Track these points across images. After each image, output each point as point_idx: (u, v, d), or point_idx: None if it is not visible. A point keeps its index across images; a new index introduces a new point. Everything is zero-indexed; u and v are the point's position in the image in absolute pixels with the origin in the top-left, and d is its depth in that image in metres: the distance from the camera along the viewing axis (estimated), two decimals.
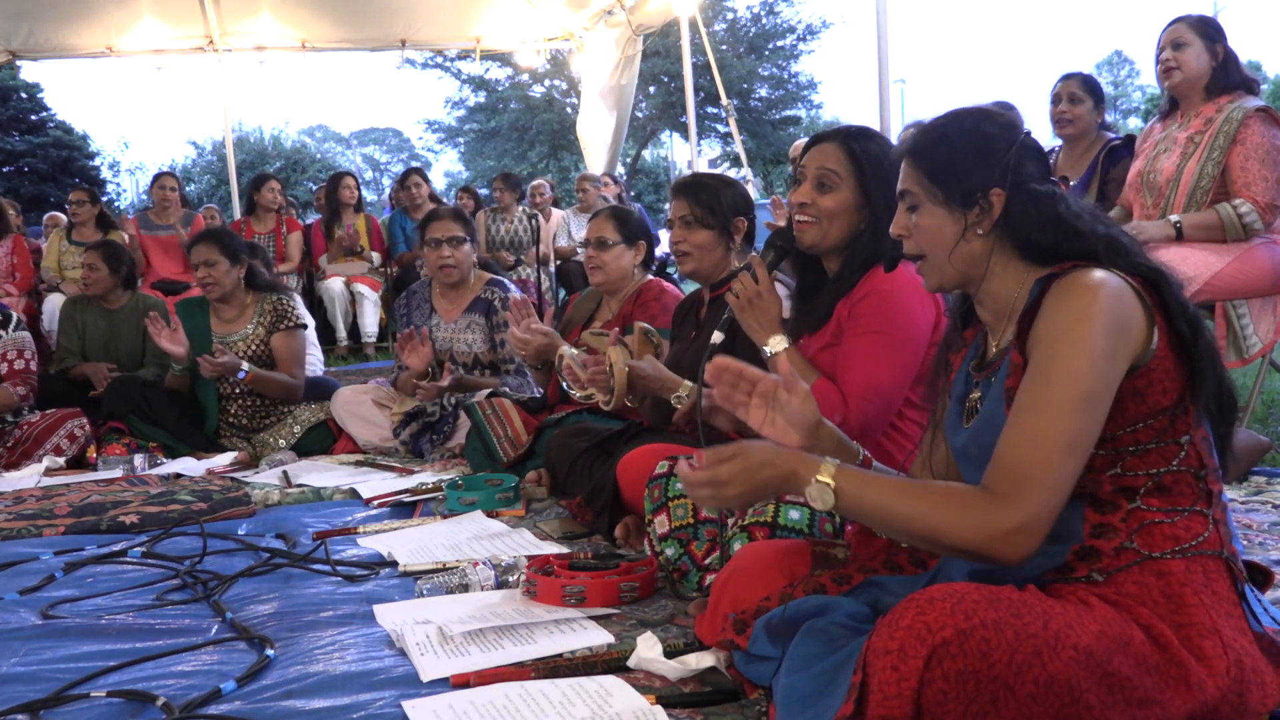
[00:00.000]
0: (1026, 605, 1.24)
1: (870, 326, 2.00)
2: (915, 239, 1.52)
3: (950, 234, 1.47)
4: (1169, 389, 1.35)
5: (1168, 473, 1.36)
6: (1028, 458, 1.28)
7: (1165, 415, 1.35)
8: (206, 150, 35.80)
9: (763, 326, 2.08)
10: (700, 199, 2.72)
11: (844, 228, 2.05)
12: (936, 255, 1.50)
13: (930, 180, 1.48)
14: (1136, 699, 1.24)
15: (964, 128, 1.49)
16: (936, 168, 1.48)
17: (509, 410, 3.55)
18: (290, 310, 4.24)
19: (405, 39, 9.43)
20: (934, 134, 1.51)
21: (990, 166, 1.44)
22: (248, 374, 4.02)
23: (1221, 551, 1.36)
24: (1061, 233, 1.42)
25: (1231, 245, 3.18)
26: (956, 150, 1.47)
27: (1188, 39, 3.31)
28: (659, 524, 2.23)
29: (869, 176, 2.02)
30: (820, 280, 2.15)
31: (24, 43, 8.69)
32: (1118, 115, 34.82)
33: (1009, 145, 1.45)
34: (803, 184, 2.08)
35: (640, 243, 3.45)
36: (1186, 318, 1.36)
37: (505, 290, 4.06)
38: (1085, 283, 1.33)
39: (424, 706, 1.70)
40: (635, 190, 26.78)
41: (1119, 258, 1.39)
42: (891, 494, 1.34)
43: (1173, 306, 1.36)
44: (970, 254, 1.47)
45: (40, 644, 2.06)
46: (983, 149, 1.46)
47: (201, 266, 4.14)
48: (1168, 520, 1.35)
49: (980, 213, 1.46)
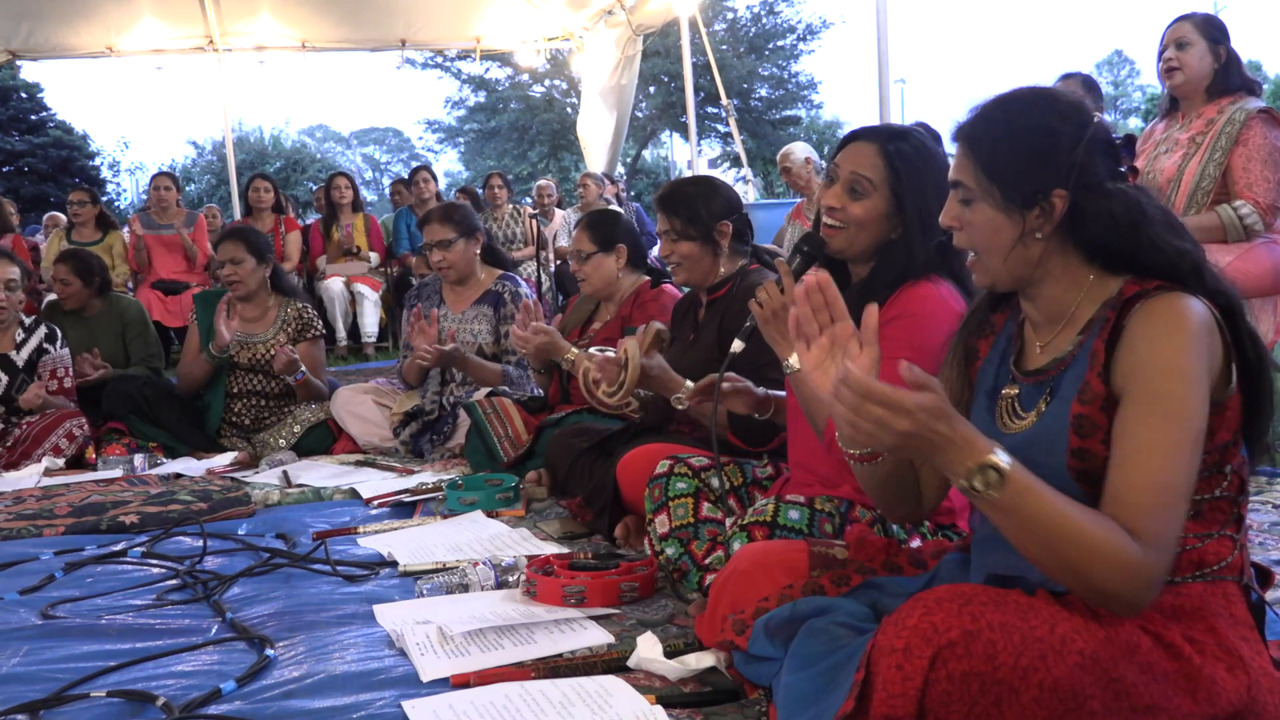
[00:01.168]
0: (1033, 609, 1.23)
1: (901, 351, 1.90)
2: (967, 234, 1.41)
3: (1006, 236, 1.37)
4: (1231, 424, 1.31)
5: (1208, 500, 1.33)
6: (1160, 507, 1.22)
7: (1219, 450, 1.31)
8: (206, 150, 35.79)
9: (786, 339, 1.94)
10: (679, 212, 2.70)
11: (873, 236, 1.95)
12: (990, 256, 1.39)
13: (987, 177, 1.36)
14: (1142, 706, 1.23)
15: (1026, 120, 1.36)
16: (994, 165, 1.36)
17: (509, 410, 3.55)
18: (314, 320, 4.28)
19: (405, 39, 9.43)
20: (993, 124, 1.38)
21: (1054, 165, 1.33)
22: (303, 376, 4.06)
23: (1241, 577, 1.34)
24: (1139, 241, 1.32)
25: (1232, 245, 3.18)
26: (1017, 147, 1.35)
27: (1191, 39, 3.30)
28: (659, 524, 2.23)
29: (904, 184, 1.92)
30: (844, 285, 2.08)
31: (24, 43, 8.69)
32: (1118, 115, 34.80)
33: (1075, 140, 1.33)
34: (834, 185, 1.98)
35: (619, 246, 3.43)
36: (1257, 351, 1.31)
37: (516, 285, 4.05)
38: (1181, 310, 1.26)
39: (424, 706, 1.70)
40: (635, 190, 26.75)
41: (1201, 281, 1.31)
42: (1059, 505, 1.20)
43: (1244, 337, 1.30)
44: (1028, 257, 1.37)
45: (40, 644, 2.06)
46: (1046, 146, 1.34)
47: (228, 264, 4.14)
48: (1198, 545, 1.32)
49: (1041, 215, 1.35)
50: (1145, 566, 1.20)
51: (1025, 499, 1.20)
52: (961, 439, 1.21)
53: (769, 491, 2.22)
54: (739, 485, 2.29)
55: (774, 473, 2.30)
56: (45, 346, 4.14)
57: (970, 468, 1.20)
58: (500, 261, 4.22)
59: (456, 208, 4.15)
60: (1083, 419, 1.31)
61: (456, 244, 3.96)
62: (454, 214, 4.02)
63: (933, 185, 1.92)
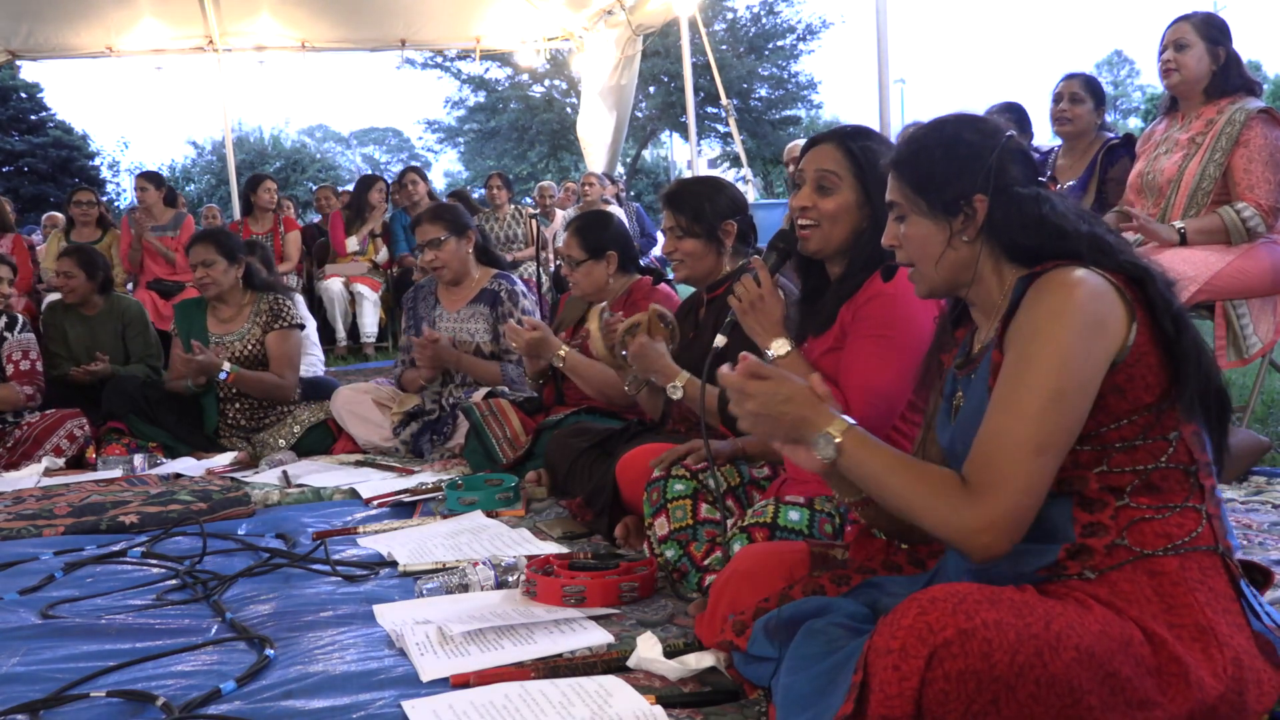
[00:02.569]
0: (1028, 606, 1.24)
1: (873, 330, 1.98)
2: (905, 249, 1.54)
3: (937, 242, 1.48)
4: (1151, 384, 1.35)
5: (1156, 469, 1.36)
6: (998, 457, 1.30)
7: (1150, 411, 1.35)
8: (206, 150, 35.80)
9: (765, 329, 2.06)
10: (684, 209, 2.71)
11: (847, 229, 2.02)
12: (924, 264, 1.51)
13: (914, 191, 1.49)
14: (1137, 700, 1.24)
15: (944, 137, 1.49)
16: (919, 178, 1.49)
17: (507, 411, 3.55)
18: (286, 309, 4.23)
19: (405, 39, 9.43)
20: (916, 144, 1.52)
21: (972, 173, 1.45)
22: (229, 374, 4.01)
23: (1216, 546, 1.36)
24: (1045, 233, 1.42)
25: (1233, 245, 3.18)
26: (937, 159, 1.47)
27: (1190, 40, 3.29)
28: (658, 526, 2.23)
29: (868, 175, 1.99)
30: (823, 284, 2.12)
31: (24, 43, 8.69)
32: (1117, 115, 34.81)
33: (991, 150, 1.45)
34: (802, 188, 2.05)
35: (609, 253, 3.43)
36: (1171, 314, 1.36)
37: (512, 283, 4.05)
38: (1061, 280, 1.35)
39: (424, 706, 1.70)
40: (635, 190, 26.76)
41: (1103, 256, 1.39)
42: (888, 465, 1.36)
43: (1156, 303, 1.36)
44: (957, 260, 1.48)
45: (40, 644, 2.06)
46: (964, 156, 1.46)
47: (199, 267, 4.14)
48: (1159, 517, 1.35)
49: (965, 219, 1.46)
50: (972, 513, 1.29)
51: (865, 461, 1.36)
52: (806, 416, 1.39)
53: (767, 492, 2.22)
54: (736, 486, 2.29)
55: (771, 473, 2.31)
56: (4, 334, 4.12)
57: (815, 439, 1.38)
58: (495, 260, 4.22)
59: (446, 207, 4.17)
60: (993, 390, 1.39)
61: (448, 243, 3.95)
62: (444, 213, 4.04)
63: None
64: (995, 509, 1.28)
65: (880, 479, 1.36)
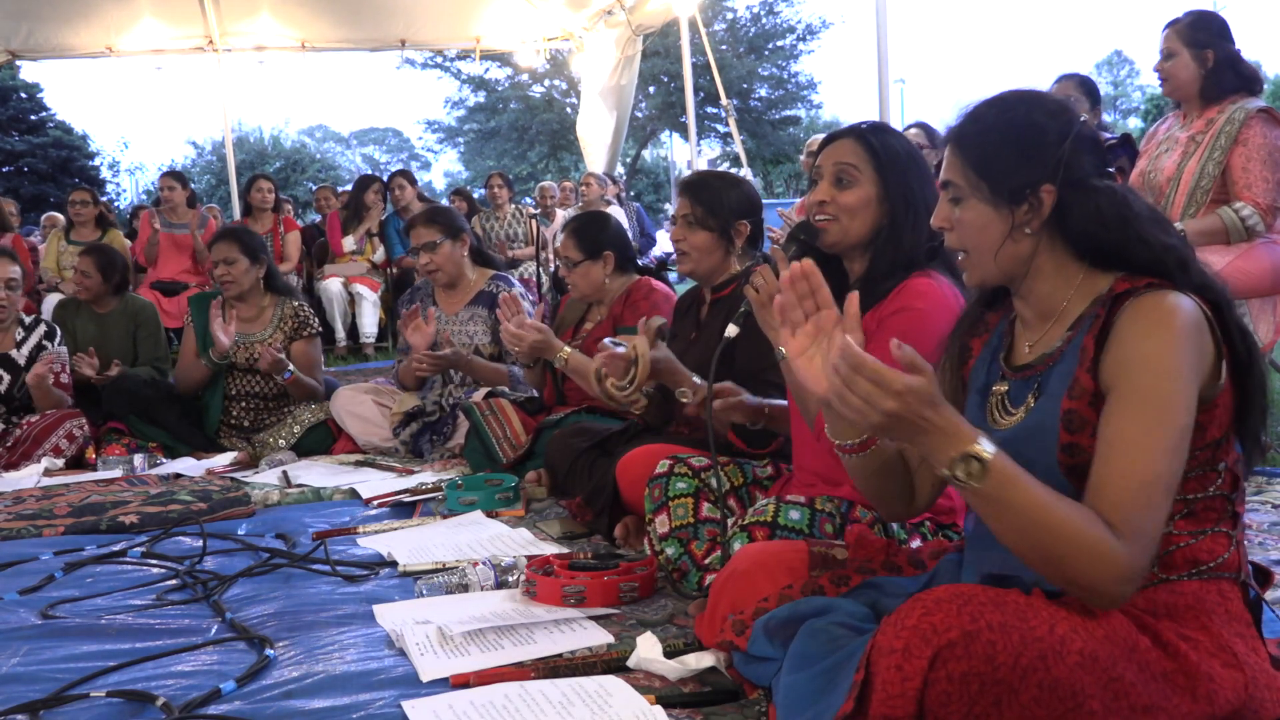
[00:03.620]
0: (1033, 609, 1.23)
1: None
2: (958, 233, 1.43)
3: (996, 232, 1.38)
4: (1223, 422, 1.31)
5: (1201, 499, 1.33)
6: (1142, 502, 1.22)
7: (1211, 447, 1.32)
8: (206, 150, 35.83)
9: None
10: (701, 199, 2.67)
11: (866, 223, 1.97)
12: (980, 253, 1.41)
13: (976, 174, 1.39)
14: (1141, 705, 1.23)
15: (1013, 117, 1.39)
16: (983, 161, 1.38)
17: (507, 411, 3.55)
18: (310, 318, 4.28)
19: (405, 39, 9.42)
20: (982, 123, 1.41)
21: (1041, 160, 1.35)
22: (291, 375, 4.06)
23: (1239, 575, 1.34)
24: (1126, 236, 1.33)
25: (1232, 245, 3.18)
26: (1005, 143, 1.37)
27: (1175, 48, 3.31)
28: (659, 524, 2.23)
29: (887, 169, 1.95)
30: (841, 283, 2.06)
31: (24, 43, 8.69)
32: (1117, 115, 34.82)
33: (1062, 136, 1.36)
34: (820, 183, 2.01)
35: (606, 253, 3.42)
36: (1246, 345, 1.31)
37: (510, 284, 4.05)
38: (1168, 308, 1.26)
39: (424, 706, 1.70)
40: (635, 190, 26.75)
41: (1187, 275, 1.32)
42: (1041, 497, 1.21)
43: (1234, 333, 1.30)
44: (1017, 254, 1.39)
45: (40, 644, 2.06)
46: (1033, 141, 1.36)
47: (221, 264, 4.15)
48: (1191, 542, 1.32)
49: (1029, 210, 1.37)
50: (1123, 559, 1.21)
51: (1007, 489, 1.21)
52: (948, 426, 1.22)
53: (769, 491, 2.22)
54: (739, 485, 2.29)
55: (774, 473, 2.30)
56: (44, 344, 4.15)
57: (953, 456, 1.21)
58: (490, 262, 4.22)
59: (440, 210, 4.17)
60: (1072, 414, 1.32)
61: (442, 246, 3.95)
62: (438, 216, 4.03)
63: (914, 169, 1.97)
64: (1140, 556, 1.22)
65: (1030, 513, 1.21)
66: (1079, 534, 1.20)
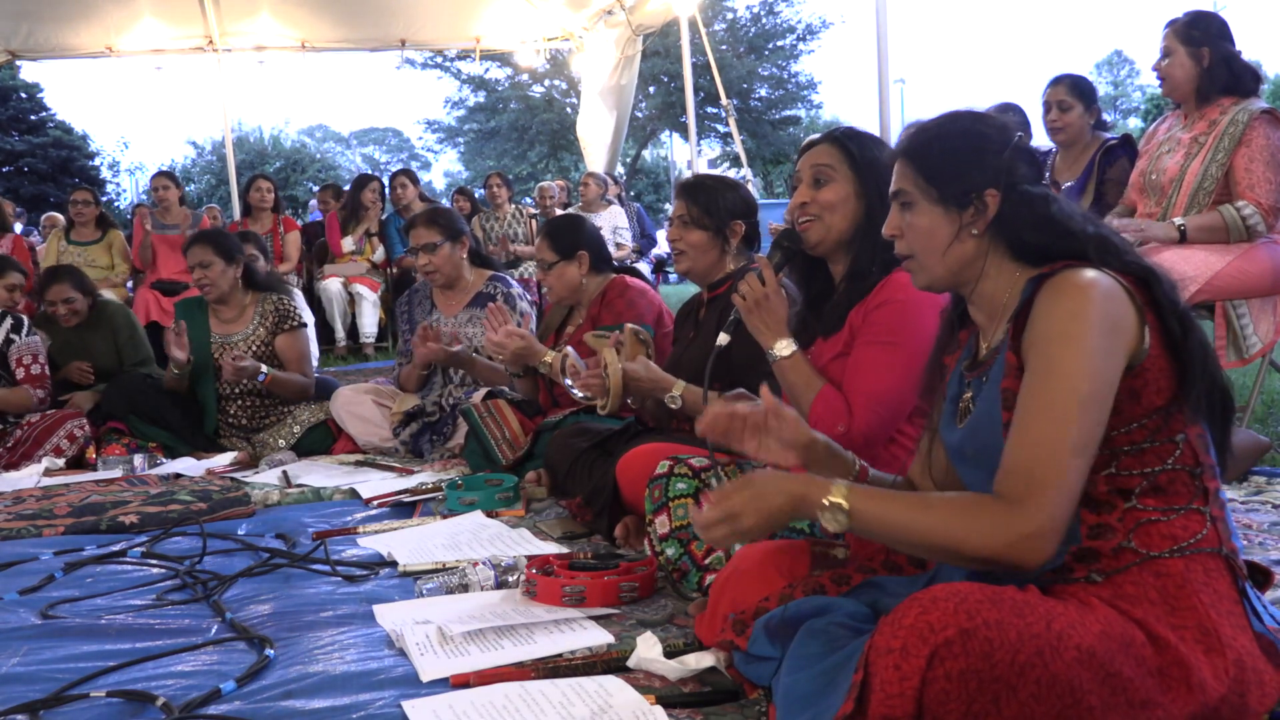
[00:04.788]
0: (1029, 605, 1.24)
1: (881, 336, 1.98)
2: (908, 238, 1.52)
3: (944, 234, 1.48)
4: (1163, 388, 1.35)
5: (1163, 471, 1.36)
6: (1038, 462, 1.28)
7: (1159, 414, 1.35)
8: (206, 150, 35.83)
9: (769, 329, 2.06)
10: (698, 200, 2.73)
11: (846, 218, 2.03)
12: (929, 255, 1.50)
13: (926, 179, 1.48)
14: (1138, 700, 1.23)
15: (960, 128, 1.49)
16: (932, 167, 1.48)
17: (505, 412, 3.55)
18: (291, 310, 4.25)
19: (405, 39, 9.42)
20: (929, 134, 1.51)
21: (985, 167, 1.45)
22: (267, 376, 4.05)
23: (1220, 549, 1.35)
24: (1053, 232, 1.42)
25: (1233, 245, 3.18)
26: (952, 150, 1.47)
27: (1172, 47, 3.32)
28: (660, 524, 2.23)
29: (863, 167, 2.02)
30: (828, 287, 2.12)
31: (24, 43, 8.68)
32: (1117, 115, 34.83)
33: (1004, 146, 1.45)
34: (800, 187, 2.08)
35: (580, 253, 3.44)
36: (1177, 316, 1.36)
37: (507, 285, 4.05)
38: (1076, 282, 1.34)
39: (424, 706, 1.70)
40: (635, 190, 26.76)
41: (1110, 256, 1.39)
42: (905, 509, 1.33)
43: (1164, 305, 1.36)
44: (963, 254, 1.48)
45: (40, 644, 2.06)
46: (979, 149, 1.46)
47: (197, 268, 4.15)
48: (1164, 519, 1.35)
49: (975, 213, 1.46)
50: (1013, 523, 1.27)
51: (880, 516, 1.34)
52: (799, 494, 1.37)
53: None
54: None
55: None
56: (11, 336, 4.13)
57: (820, 513, 1.35)
58: (489, 263, 4.22)
59: (440, 211, 4.15)
60: (1007, 393, 1.38)
61: (442, 248, 3.94)
62: (438, 218, 4.02)
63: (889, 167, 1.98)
64: (1043, 512, 1.26)
65: (905, 525, 1.32)
66: (959, 517, 1.30)
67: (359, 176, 7.81)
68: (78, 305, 4.48)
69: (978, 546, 1.28)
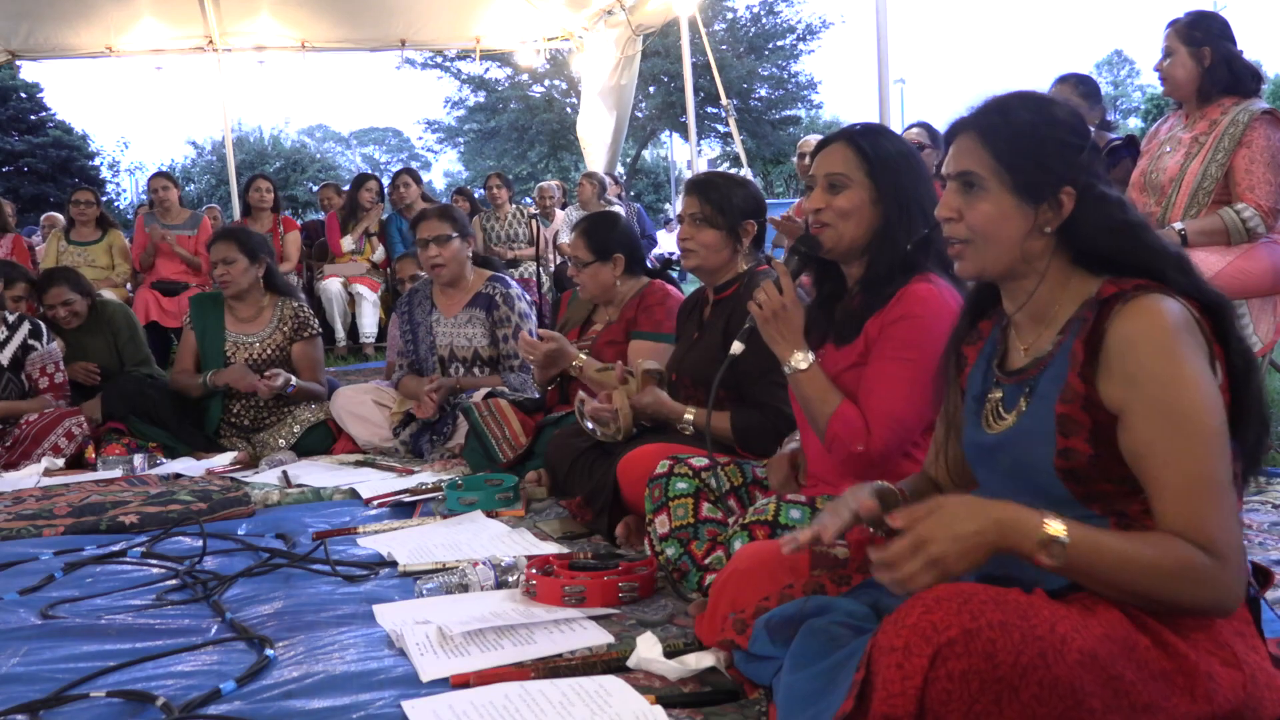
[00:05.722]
0: (1033, 607, 1.23)
1: (900, 353, 1.91)
2: (969, 222, 1.40)
3: (1015, 226, 1.37)
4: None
5: None
6: (1210, 510, 1.25)
7: None
8: (206, 150, 35.84)
9: (786, 340, 1.98)
10: (710, 198, 2.70)
11: (861, 226, 1.98)
12: (993, 245, 1.39)
13: (1002, 164, 1.37)
14: (1141, 704, 1.23)
15: (1043, 115, 1.37)
16: (1012, 152, 1.36)
17: (506, 411, 3.55)
18: (310, 319, 4.28)
19: (405, 39, 9.42)
20: (1011, 115, 1.39)
21: (1067, 162, 1.35)
22: (294, 388, 4.08)
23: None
24: (1128, 242, 1.34)
25: (1233, 245, 3.18)
26: (1035, 136, 1.36)
27: (1173, 47, 3.32)
28: (659, 524, 2.23)
29: (879, 172, 1.96)
30: (839, 288, 2.08)
31: (24, 43, 8.69)
32: (1117, 115, 34.82)
33: (1083, 140, 1.36)
34: (813, 191, 2.02)
35: (616, 255, 3.40)
36: (1241, 350, 1.31)
37: (507, 286, 4.06)
38: (1158, 312, 1.27)
39: (424, 706, 1.70)
40: (635, 190, 26.75)
41: (1187, 280, 1.32)
42: (1122, 549, 1.24)
43: (1231, 341, 1.31)
44: (1029, 252, 1.38)
45: (40, 644, 2.06)
46: (1061, 140, 1.36)
47: (220, 264, 4.16)
48: None
49: (1049, 209, 1.36)
50: (1219, 571, 1.24)
51: (1090, 556, 1.24)
52: (1008, 519, 1.24)
53: (769, 491, 2.22)
54: (739, 485, 2.29)
55: None
56: (31, 344, 4.12)
57: (1032, 548, 1.24)
58: (488, 263, 4.24)
59: (452, 208, 4.21)
60: (1066, 419, 1.33)
61: (453, 241, 3.96)
62: (451, 213, 4.07)
63: (908, 170, 1.98)
64: (1234, 558, 1.25)
65: (1119, 568, 1.24)
66: (1169, 569, 1.23)
67: (358, 176, 7.81)
68: (77, 307, 4.49)
69: (1189, 607, 1.26)
